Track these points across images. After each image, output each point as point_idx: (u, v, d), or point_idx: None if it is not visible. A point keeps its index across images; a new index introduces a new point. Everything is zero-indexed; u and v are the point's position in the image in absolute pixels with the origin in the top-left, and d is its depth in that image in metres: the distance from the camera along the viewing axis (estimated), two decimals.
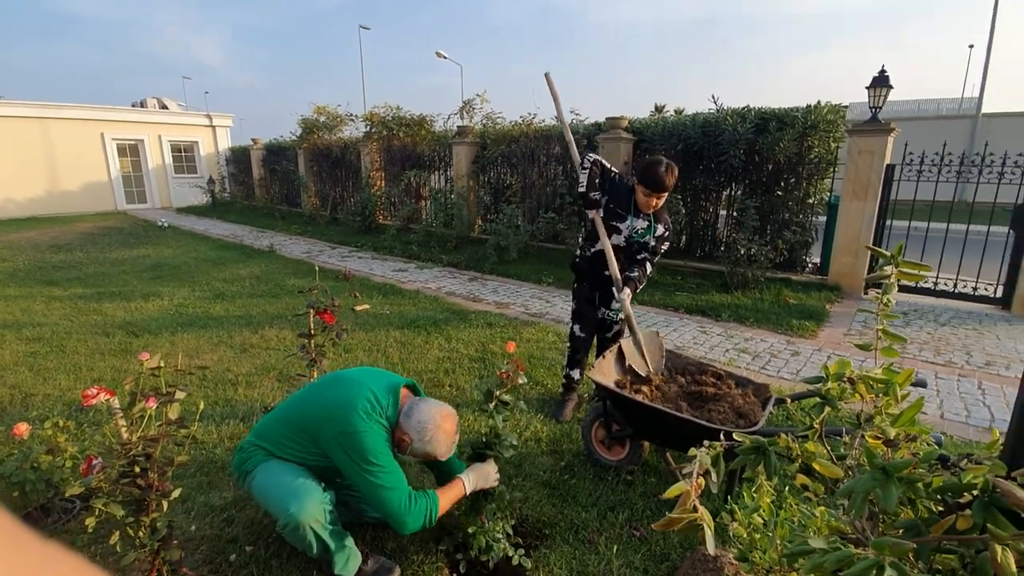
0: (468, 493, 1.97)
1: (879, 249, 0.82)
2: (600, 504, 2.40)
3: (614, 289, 2.89)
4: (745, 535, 0.90)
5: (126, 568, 1.85)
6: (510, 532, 2.03)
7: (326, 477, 1.91)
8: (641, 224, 2.92)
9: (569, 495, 2.47)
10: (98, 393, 1.83)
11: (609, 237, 2.92)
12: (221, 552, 2.10)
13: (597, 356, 3.16)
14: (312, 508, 1.74)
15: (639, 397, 2.42)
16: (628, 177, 3.04)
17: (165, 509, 1.63)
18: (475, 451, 2.08)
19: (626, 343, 2.82)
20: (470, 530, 1.95)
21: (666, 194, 2.83)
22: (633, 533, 2.22)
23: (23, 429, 2.12)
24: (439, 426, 1.85)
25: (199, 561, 2.02)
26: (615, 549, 2.10)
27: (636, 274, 2.91)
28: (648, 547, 2.13)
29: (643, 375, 2.71)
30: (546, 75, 3.05)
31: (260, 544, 2.11)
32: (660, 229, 2.95)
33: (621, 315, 3.03)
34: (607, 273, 2.91)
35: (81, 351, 4.41)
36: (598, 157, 3.00)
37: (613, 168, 3.02)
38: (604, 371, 2.63)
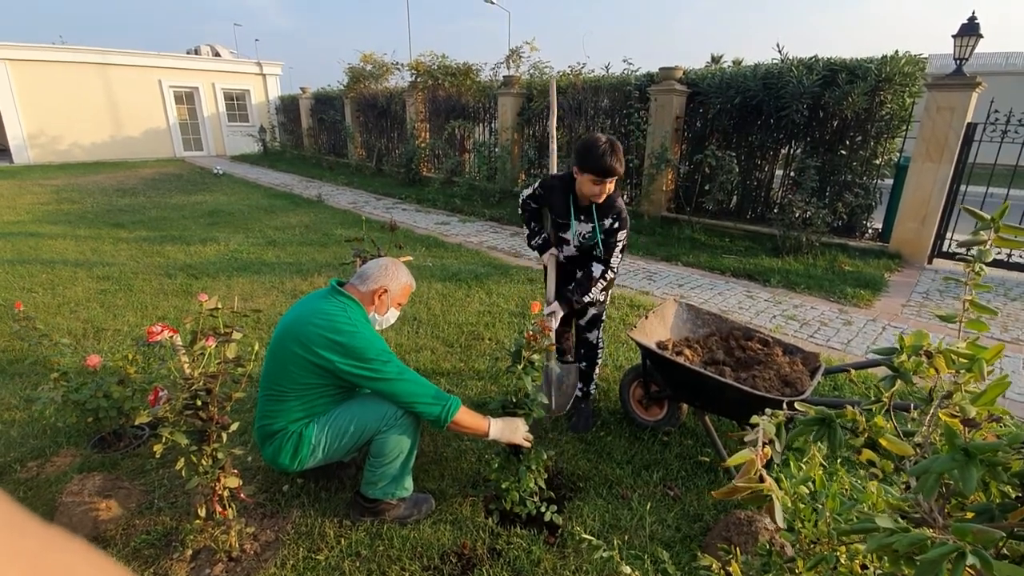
0: (489, 436, 1.98)
1: (977, 211, 0.74)
2: (635, 462, 2.43)
3: (544, 303, 2.61)
4: (790, 505, 0.89)
5: (191, 491, 2.01)
6: (543, 487, 2.07)
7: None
8: (586, 228, 2.52)
9: (604, 451, 2.50)
10: (162, 330, 1.94)
11: (561, 249, 2.69)
12: (275, 482, 2.25)
13: (576, 343, 2.95)
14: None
15: (680, 359, 2.39)
16: (559, 173, 2.64)
17: (224, 440, 1.74)
18: (504, 410, 2.09)
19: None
20: (504, 485, 2.01)
21: (616, 179, 2.34)
22: (667, 492, 2.23)
23: (95, 360, 2.29)
24: (391, 261, 2.05)
25: (255, 490, 2.17)
26: (648, 506, 2.13)
27: (575, 292, 2.53)
28: (681, 506, 2.15)
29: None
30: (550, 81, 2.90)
31: (310, 477, 2.24)
32: (607, 222, 2.45)
33: (587, 298, 2.56)
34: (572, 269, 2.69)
35: (147, 290, 4.68)
36: (524, 193, 2.75)
37: (540, 186, 2.68)
38: (646, 331, 2.60)
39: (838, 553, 0.77)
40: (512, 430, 2.02)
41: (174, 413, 1.71)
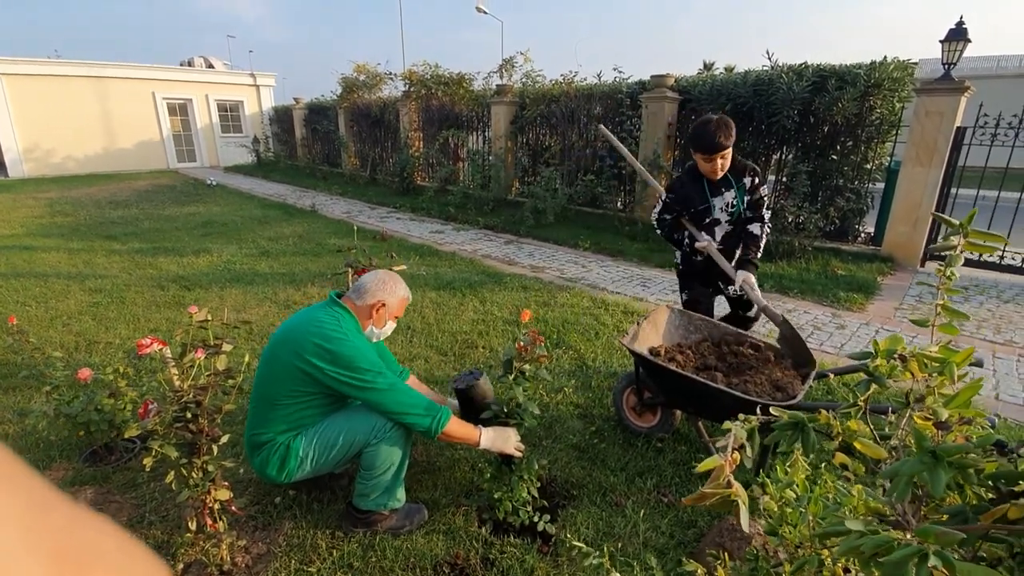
0: (480, 445, 1.98)
1: (946, 217, 0.75)
2: (629, 469, 2.42)
3: (735, 283, 2.68)
4: (776, 509, 0.89)
5: (182, 504, 2.00)
6: (536, 496, 2.06)
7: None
8: (729, 196, 2.69)
9: (598, 459, 2.50)
10: (152, 343, 1.94)
11: (714, 232, 2.75)
12: (267, 495, 2.23)
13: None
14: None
15: (672, 365, 2.39)
16: (683, 168, 2.83)
17: (215, 453, 1.73)
18: (496, 420, 2.08)
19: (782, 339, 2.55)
20: (496, 495, 2.00)
21: (728, 151, 2.57)
22: (661, 499, 2.23)
23: (87, 374, 2.28)
24: (388, 274, 2.06)
25: (247, 502, 2.15)
26: (642, 513, 2.12)
27: (750, 255, 2.70)
28: (675, 513, 2.15)
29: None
30: (599, 127, 3.07)
31: (302, 489, 2.23)
32: (747, 182, 2.69)
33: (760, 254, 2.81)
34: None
35: (139, 302, 4.66)
36: (657, 211, 2.91)
37: (669, 191, 2.85)
38: (639, 338, 2.61)
39: (822, 556, 0.77)
40: (504, 439, 2.01)
41: (164, 426, 1.70)
